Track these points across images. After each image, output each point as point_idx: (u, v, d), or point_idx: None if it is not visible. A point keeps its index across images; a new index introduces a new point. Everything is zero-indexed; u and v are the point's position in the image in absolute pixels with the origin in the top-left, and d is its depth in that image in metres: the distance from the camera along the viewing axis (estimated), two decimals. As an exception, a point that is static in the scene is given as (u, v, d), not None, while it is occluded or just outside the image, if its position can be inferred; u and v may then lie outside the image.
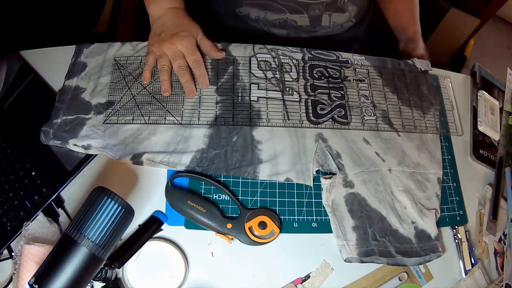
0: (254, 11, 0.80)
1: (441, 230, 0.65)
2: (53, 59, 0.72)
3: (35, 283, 0.42)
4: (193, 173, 0.62)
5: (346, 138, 0.68)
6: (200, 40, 0.70)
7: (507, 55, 1.88)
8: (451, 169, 0.71)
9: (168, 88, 0.67)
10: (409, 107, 0.74)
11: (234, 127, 0.66)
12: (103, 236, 0.44)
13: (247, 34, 0.82)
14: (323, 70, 0.74)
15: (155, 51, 0.68)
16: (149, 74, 0.68)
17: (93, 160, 0.63)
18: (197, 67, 0.67)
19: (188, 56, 0.67)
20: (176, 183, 0.62)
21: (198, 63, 0.67)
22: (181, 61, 0.66)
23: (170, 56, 0.67)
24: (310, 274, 0.59)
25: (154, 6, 0.70)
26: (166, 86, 0.67)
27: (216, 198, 0.62)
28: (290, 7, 0.79)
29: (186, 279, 0.57)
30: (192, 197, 0.59)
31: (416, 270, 0.62)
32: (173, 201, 0.59)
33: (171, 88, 0.67)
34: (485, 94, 0.79)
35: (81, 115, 0.65)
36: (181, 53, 0.67)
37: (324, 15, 0.82)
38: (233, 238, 0.59)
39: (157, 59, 0.68)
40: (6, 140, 0.66)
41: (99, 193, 0.45)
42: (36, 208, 0.58)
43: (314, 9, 0.80)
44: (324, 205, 0.63)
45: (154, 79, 0.70)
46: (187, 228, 0.59)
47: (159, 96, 0.68)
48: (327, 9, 0.81)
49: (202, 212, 0.58)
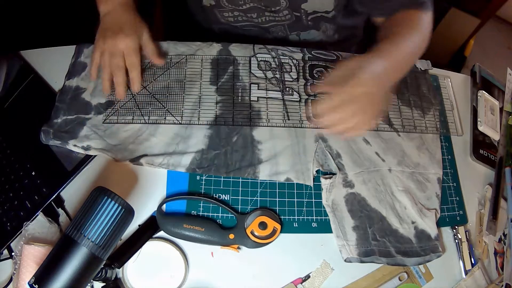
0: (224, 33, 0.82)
1: (441, 230, 0.65)
2: (53, 59, 0.72)
3: (35, 283, 0.42)
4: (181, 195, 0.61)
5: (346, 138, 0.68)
6: (145, 41, 0.67)
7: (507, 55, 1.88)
8: (451, 169, 0.71)
9: (107, 88, 0.65)
10: (409, 107, 0.74)
11: (234, 127, 0.66)
12: (103, 236, 0.44)
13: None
14: (323, 70, 0.74)
15: (99, 47, 0.64)
16: (96, 72, 0.66)
17: (93, 160, 0.63)
18: (132, 70, 0.64)
19: (126, 57, 0.64)
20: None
21: (134, 66, 0.64)
22: (119, 60, 0.63)
23: (110, 54, 0.63)
24: (310, 274, 0.59)
25: (104, 1, 0.67)
26: (105, 85, 0.65)
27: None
28: (252, 31, 0.81)
29: (186, 279, 0.57)
30: (187, 219, 0.58)
31: (416, 270, 0.62)
32: (169, 228, 0.57)
33: (110, 88, 0.65)
34: (485, 94, 0.79)
35: (81, 115, 0.65)
36: (122, 52, 0.63)
37: (290, 35, 0.82)
38: (239, 247, 0.59)
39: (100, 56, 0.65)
40: (6, 140, 0.66)
41: (99, 193, 0.45)
42: (36, 208, 0.58)
43: (276, 32, 0.81)
44: (324, 205, 0.63)
45: (154, 78, 0.70)
46: (187, 228, 0.59)
47: (159, 96, 0.68)
48: (291, 30, 0.80)
49: (201, 231, 0.57)
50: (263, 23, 0.79)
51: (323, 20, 0.79)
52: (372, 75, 0.55)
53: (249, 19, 0.78)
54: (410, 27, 0.64)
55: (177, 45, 0.73)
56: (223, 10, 0.76)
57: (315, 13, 0.75)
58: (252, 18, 0.77)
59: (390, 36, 0.62)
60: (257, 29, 0.80)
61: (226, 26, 0.81)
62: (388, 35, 0.63)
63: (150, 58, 0.69)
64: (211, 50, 0.74)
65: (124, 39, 0.63)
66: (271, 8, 0.74)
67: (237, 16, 0.77)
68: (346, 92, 0.54)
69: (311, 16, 0.76)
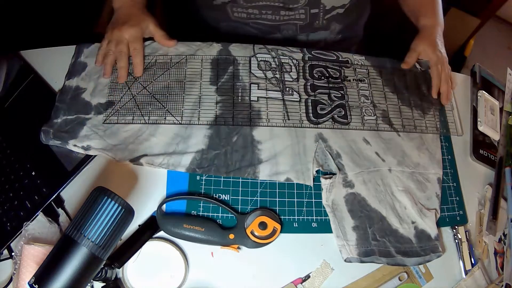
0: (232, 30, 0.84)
1: (441, 230, 0.65)
2: (53, 59, 0.72)
3: (35, 283, 0.42)
4: (181, 195, 0.61)
5: (346, 138, 0.68)
6: (153, 30, 0.72)
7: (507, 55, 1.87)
8: (451, 169, 0.71)
9: (108, 72, 0.69)
10: (409, 107, 0.74)
11: (234, 127, 0.66)
12: (103, 236, 0.44)
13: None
14: (323, 70, 0.74)
15: (108, 37, 0.70)
16: (102, 58, 0.70)
17: (93, 160, 0.63)
18: (135, 55, 0.70)
19: (130, 44, 0.69)
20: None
21: (137, 51, 0.70)
22: (122, 47, 0.69)
23: (115, 42, 0.69)
24: (310, 274, 0.59)
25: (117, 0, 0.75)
26: (107, 68, 0.69)
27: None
28: (262, 29, 0.81)
29: (186, 279, 0.57)
30: (187, 219, 0.58)
31: (416, 270, 0.62)
32: (169, 228, 0.57)
33: (111, 72, 0.69)
34: (485, 94, 0.79)
35: (81, 115, 0.65)
36: (126, 41, 0.69)
37: (299, 35, 0.83)
38: (239, 247, 0.59)
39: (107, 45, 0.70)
40: (6, 140, 0.66)
41: (99, 193, 0.45)
42: (36, 208, 0.58)
43: (287, 30, 0.82)
44: (324, 205, 0.63)
45: (154, 79, 0.70)
46: (187, 228, 0.59)
47: (159, 96, 0.68)
48: (302, 30, 0.82)
49: (201, 231, 0.57)
50: (276, 21, 0.79)
51: (335, 20, 0.80)
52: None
53: (262, 17, 0.78)
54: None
55: (177, 45, 0.74)
56: (237, 6, 0.76)
57: (333, 10, 0.77)
58: (266, 15, 0.77)
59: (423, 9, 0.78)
60: (267, 27, 0.81)
61: (235, 23, 0.81)
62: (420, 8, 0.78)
63: (159, 42, 0.73)
64: (211, 50, 0.74)
65: (128, 29, 0.69)
66: (289, 5, 0.74)
67: (250, 14, 0.78)
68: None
69: (327, 15, 0.78)
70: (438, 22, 0.76)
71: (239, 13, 0.78)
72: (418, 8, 0.79)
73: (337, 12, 0.78)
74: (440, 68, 0.74)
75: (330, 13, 0.78)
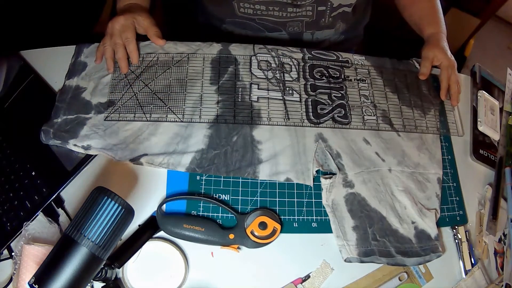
0: (236, 29, 0.84)
1: (441, 230, 0.65)
2: (53, 59, 0.72)
3: (35, 283, 0.42)
4: (181, 195, 0.61)
5: (346, 138, 0.68)
6: (147, 26, 0.72)
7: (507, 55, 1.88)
8: (451, 169, 0.71)
9: (110, 66, 0.70)
10: (409, 107, 0.74)
11: (234, 127, 0.66)
12: (103, 236, 0.44)
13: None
14: (323, 70, 0.74)
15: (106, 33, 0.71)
16: (100, 55, 0.71)
17: (93, 160, 0.63)
18: (128, 44, 0.70)
19: (122, 34, 0.70)
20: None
21: (129, 40, 0.70)
22: (116, 38, 0.69)
23: (110, 35, 0.70)
24: (310, 274, 0.59)
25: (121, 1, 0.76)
26: (108, 63, 0.70)
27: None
28: (268, 26, 0.81)
29: (186, 279, 0.57)
30: (187, 219, 0.58)
31: (416, 270, 0.62)
32: (169, 228, 0.57)
33: (113, 66, 0.70)
34: (485, 94, 0.79)
35: (81, 114, 0.65)
36: (118, 32, 0.70)
37: (305, 33, 0.84)
38: (239, 247, 0.59)
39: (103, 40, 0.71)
40: (6, 140, 0.66)
41: (99, 193, 0.45)
42: (36, 208, 0.58)
43: (293, 27, 0.82)
44: (324, 205, 0.63)
45: (155, 77, 0.70)
46: (187, 228, 0.59)
47: (161, 94, 0.68)
48: (308, 28, 0.82)
49: (201, 231, 0.57)
50: (282, 18, 0.79)
51: (340, 19, 0.81)
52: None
53: (269, 13, 0.78)
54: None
55: (177, 45, 0.74)
56: (244, 2, 0.76)
57: (339, 8, 0.78)
58: (273, 11, 0.77)
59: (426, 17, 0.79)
60: (273, 24, 0.81)
61: (240, 19, 0.81)
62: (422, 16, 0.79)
63: (152, 40, 0.73)
64: (211, 50, 0.74)
65: (119, 20, 0.70)
66: (297, 2, 0.75)
67: (257, 10, 0.78)
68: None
69: (334, 13, 0.78)
70: (442, 30, 0.78)
71: (245, 8, 0.78)
72: (421, 18, 0.80)
73: (343, 10, 0.79)
74: (450, 71, 0.75)
75: (336, 11, 0.78)
